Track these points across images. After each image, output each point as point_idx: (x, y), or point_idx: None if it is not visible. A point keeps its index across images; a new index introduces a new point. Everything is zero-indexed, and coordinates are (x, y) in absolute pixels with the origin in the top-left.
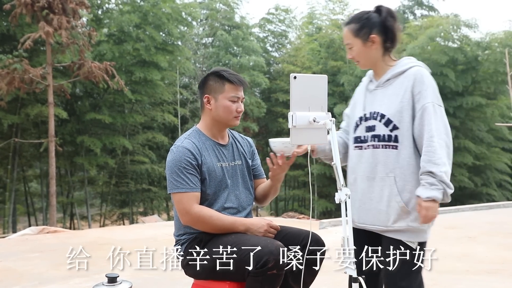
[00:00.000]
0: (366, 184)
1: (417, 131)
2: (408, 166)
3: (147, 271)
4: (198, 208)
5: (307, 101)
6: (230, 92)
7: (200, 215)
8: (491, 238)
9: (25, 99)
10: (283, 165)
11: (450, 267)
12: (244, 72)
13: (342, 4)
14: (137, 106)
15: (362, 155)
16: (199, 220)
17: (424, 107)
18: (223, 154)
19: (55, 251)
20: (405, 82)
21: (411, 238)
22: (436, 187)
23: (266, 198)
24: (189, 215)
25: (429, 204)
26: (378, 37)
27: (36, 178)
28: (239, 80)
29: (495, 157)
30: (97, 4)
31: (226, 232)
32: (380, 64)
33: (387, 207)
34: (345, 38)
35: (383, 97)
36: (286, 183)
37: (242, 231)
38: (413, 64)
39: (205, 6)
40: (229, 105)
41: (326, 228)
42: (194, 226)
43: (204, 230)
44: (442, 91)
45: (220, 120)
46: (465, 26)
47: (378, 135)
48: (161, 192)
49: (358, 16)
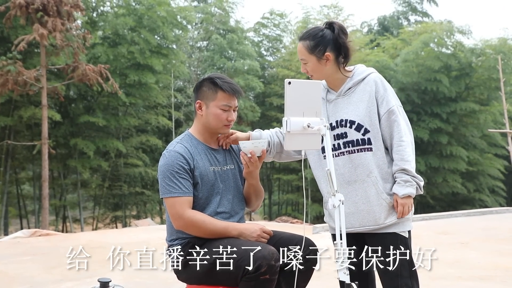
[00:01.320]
0: (346, 189)
1: (385, 132)
2: (384, 164)
3: (139, 276)
4: (191, 213)
5: (301, 107)
6: (222, 101)
7: (193, 220)
8: (484, 244)
9: (19, 101)
10: (254, 162)
11: (443, 273)
12: (239, 76)
13: (336, 10)
14: (131, 109)
15: (337, 163)
16: (192, 224)
17: (390, 110)
18: (215, 158)
19: (47, 254)
20: (367, 88)
21: (403, 228)
22: (410, 184)
23: (250, 200)
24: (182, 219)
25: (405, 201)
26: (332, 54)
27: (28, 180)
28: (233, 89)
29: (488, 163)
30: (92, 7)
31: (219, 237)
32: (336, 76)
33: (376, 206)
34: (300, 54)
35: (348, 105)
36: (279, 187)
37: (235, 236)
38: (370, 71)
39: (200, 10)
40: (220, 114)
41: (319, 233)
42: (186, 230)
43: (197, 235)
44: (435, 97)
45: (209, 127)
46: (458, 32)
47: (351, 140)
48: (154, 195)
49: (313, 34)
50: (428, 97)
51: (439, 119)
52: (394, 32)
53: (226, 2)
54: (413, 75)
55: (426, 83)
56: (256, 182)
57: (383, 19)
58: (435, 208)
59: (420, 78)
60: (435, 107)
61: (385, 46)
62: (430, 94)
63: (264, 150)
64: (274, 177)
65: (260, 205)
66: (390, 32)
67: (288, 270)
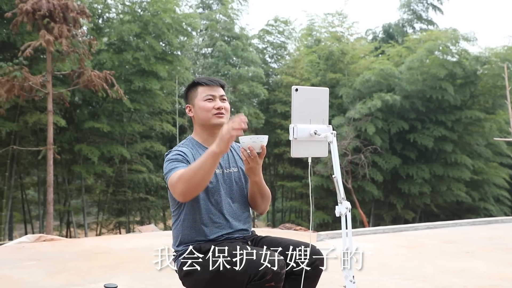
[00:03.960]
0: None
1: None
2: None
3: (144, 282)
4: (179, 171)
5: (308, 114)
6: (203, 93)
7: (182, 173)
8: (489, 254)
9: (24, 106)
10: (254, 157)
11: (448, 282)
12: (243, 83)
13: (341, 17)
14: (136, 115)
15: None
16: (185, 176)
17: None
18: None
19: (51, 260)
20: None
21: None
22: None
23: (256, 200)
24: (178, 180)
25: None
26: None
27: (33, 185)
28: (210, 80)
29: (493, 171)
30: (98, 13)
31: (209, 165)
32: None
33: None
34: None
35: None
36: (283, 194)
37: (218, 148)
38: None
39: (205, 17)
40: (204, 104)
41: (323, 240)
42: (186, 189)
43: (194, 183)
44: (440, 105)
45: (203, 123)
46: (463, 39)
47: None
48: (158, 201)
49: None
50: (433, 105)
51: (443, 127)
52: (399, 40)
53: (231, 9)
54: (417, 83)
55: (430, 91)
56: (259, 180)
57: (388, 27)
58: (440, 216)
59: (425, 86)
60: (439, 115)
61: (390, 54)
62: (434, 102)
63: (264, 146)
64: (278, 184)
65: (268, 208)
66: (395, 40)
67: (294, 278)
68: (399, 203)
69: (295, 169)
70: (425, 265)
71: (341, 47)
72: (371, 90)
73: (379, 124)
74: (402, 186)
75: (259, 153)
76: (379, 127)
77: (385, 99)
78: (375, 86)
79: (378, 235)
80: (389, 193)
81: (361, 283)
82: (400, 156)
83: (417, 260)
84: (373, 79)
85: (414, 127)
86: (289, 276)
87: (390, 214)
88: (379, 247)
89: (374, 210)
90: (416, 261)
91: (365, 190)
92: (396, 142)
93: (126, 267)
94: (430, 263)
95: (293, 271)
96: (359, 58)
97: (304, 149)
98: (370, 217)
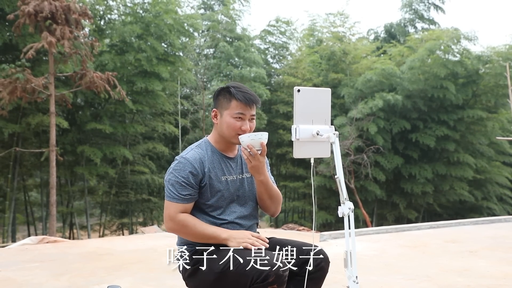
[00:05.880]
0: None
1: None
2: None
3: (147, 283)
4: (183, 216)
5: (310, 114)
6: (235, 109)
7: (183, 222)
8: (493, 253)
9: (26, 108)
10: (255, 155)
11: (452, 281)
12: (245, 84)
13: (343, 17)
14: (138, 116)
15: None
16: (183, 226)
17: None
18: (230, 166)
19: (55, 261)
20: None
21: None
22: None
23: (265, 202)
24: (172, 221)
25: None
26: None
27: (36, 187)
28: (246, 98)
29: (496, 171)
30: (100, 15)
31: (208, 241)
32: None
33: None
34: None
35: None
36: (286, 194)
37: (223, 240)
38: None
39: (207, 18)
40: (233, 123)
41: (326, 241)
42: (177, 233)
43: (186, 237)
44: (442, 104)
45: (223, 136)
46: (464, 38)
47: None
48: (161, 202)
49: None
50: (435, 105)
51: (446, 126)
52: (401, 40)
53: (232, 10)
54: (419, 82)
55: (432, 90)
56: (264, 178)
57: (389, 27)
58: (443, 216)
59: (427, 86)
60: (442, 114)
61: (392, 54)
62: (436, 102)
63: (263, 143)
64: (281, 184)
65: (279, 210)
66: (397, 39)
67: (299, 279)
68: (402, 203)
69: (297, 169)
70: (428, 265)
71: (343, 47)
72: (373, 90)
73: (381, 123)
74: (405, 185)
75: (259, 151)
76: (381, 126)
77: (387, 98)
78: (377, 86)
79: (381, 235)
80: (392, 192)
81: (365, 283)
82: (403, 156)
83: (420, 260)
84: (374, 79)
85: (416, 127)
86: (294, 277)
87: (393, 213)
88: (382, 247)
89: (377, 209)
90: (420, 261)
91: (368, 190)
92: (398, 142)
93: (130, 268)
94: (433, 263)
95: (298, 272)
96: (361, 58)
97: (306, 150)
98: (373, 217)
